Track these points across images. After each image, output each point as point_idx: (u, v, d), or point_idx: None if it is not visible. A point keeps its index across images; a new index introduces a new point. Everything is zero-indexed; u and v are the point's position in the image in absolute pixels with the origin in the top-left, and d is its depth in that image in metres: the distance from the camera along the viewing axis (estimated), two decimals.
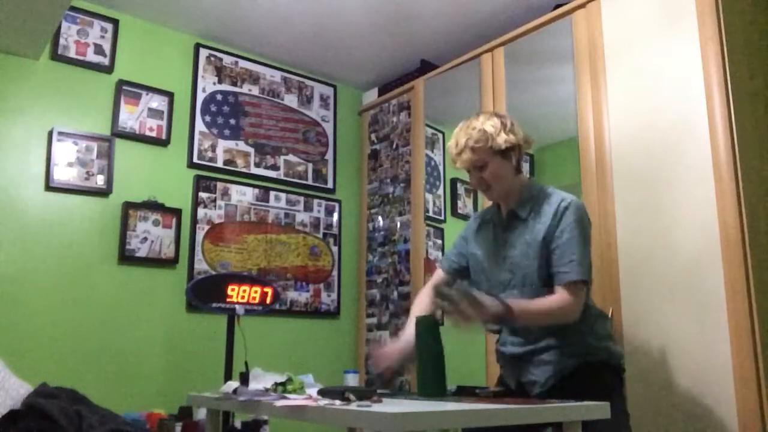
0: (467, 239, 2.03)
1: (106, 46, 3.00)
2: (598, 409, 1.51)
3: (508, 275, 1.84)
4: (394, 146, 3.58)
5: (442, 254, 3.26)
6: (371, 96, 3.84)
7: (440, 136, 3.43)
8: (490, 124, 1.81)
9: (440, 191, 3.33)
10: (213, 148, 3.26)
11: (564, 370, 1.75)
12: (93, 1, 2.99)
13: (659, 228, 2.20)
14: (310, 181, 3.60)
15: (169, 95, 3.15)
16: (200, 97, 3.27)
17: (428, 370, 1.64)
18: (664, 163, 2.23)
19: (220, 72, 3.36)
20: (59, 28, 2.85)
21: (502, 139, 1.79)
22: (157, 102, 3.11)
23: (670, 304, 2.13)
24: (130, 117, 3.02)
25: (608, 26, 2.50)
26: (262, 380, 1.71)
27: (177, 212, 3.06)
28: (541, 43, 2.79)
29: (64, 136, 2.82)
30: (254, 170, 3.38)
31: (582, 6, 2.60)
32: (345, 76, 3.81)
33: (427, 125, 3.40)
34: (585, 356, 1.75)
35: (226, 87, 3.37)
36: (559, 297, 1.71)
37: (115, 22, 3.04)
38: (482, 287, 1.91)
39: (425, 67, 3.47)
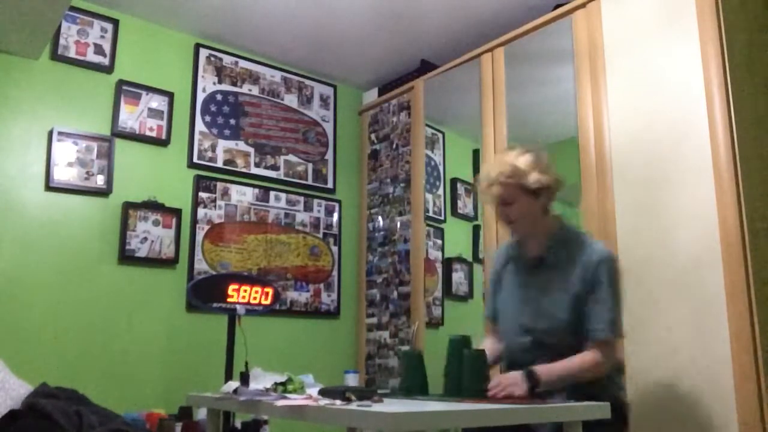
0: (498, 279, 1.99)
1: (106, 46, 3.00)
2: (598, 409, 1.51)
3: (531, 321, 1.81)
4: (394, 146, 3.58)
5: (442, 254, 3.27)
6: (371, 96, 3.84)
7: (440, 136, 3.43)
8: (524, 161, 1.78)
9: (440, 191, 3.33)
10: (213, 148, 3.26)
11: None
12: (93, 1, 2.99)
13: (659, 228, 2.20)
14: (310, 181, 3.60)
15: (169, 95, 3.15)
16: (200, 97, 3.27)
17: (473, 375, 1.66)
18: (664, 163, 2.23)
19: (220, 72, 3.36)
20: (59, 28, 2.85)
21: (534, 179, 1.76)
22: (157, 102, 3.11)
23: (670, 304, 2.13)
24: (130, 117, 3.02)
25: (608, 26, 2.50)
26: (262, 380, 1.71)
27: (177, 212, 3.06)
28: (541, 43, 2.79)
29: (64, 136, 2.82)
30: (254, 170, 3.38)
31: (582, 6, 2.60)
32: (345, 76, 3.81)
33: (427, 125, 3.40)
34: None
35: (226, 87, 3.37)
36: (591, 356, 1.69)
37: (115, 22, 3.04)
38: (505, 327, 1.90)
39: (425, 67, 3.47)
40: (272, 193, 3.42)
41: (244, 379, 1.74)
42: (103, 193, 2.88)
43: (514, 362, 1.84)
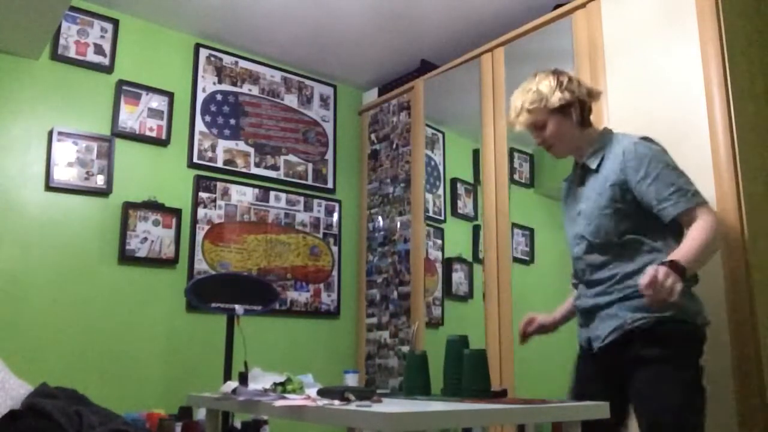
0: (564, 209, 2.00)
1: (106, 46, 3.00)
2: (598, 409, 1.50)
3: (581, 228, 1.82)
4: (394, 146, 3.58)
5: (442, 254, 3.27)
6: (371, 96, 3.84)
7: (440, 136, 3.43)
8: (546, 84, 1.82)
9: (440, 191, 3.33)
10: (213, 148, 3.26)
11: (626, 326, 1.68)
12: (93, 1, 2.99)
13: None
14: (310, 181, 3.60)
15: (169, 95, 3.15)
16: (200, 97, 3.27)
17: (474, 375, 1.66)
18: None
19: (220, 72, 3.36)
20: (59, 28, 2.85)
21: (557, 98, 1.79)
22: (157, 102, 3.11)
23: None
24: (130, 117, 3.02)
25: (608, 26, 2.50)
26: (261, 380, 1.71)
27: (177, 212, 3.06)
28: (541, 43, 2.79)
29: (64, 136, 2.82)
30: (254, 170, 3.38)
31: (582, 6, 2.60)
32: (345, 76, 3.81)
33: (427, 125, 3.40)
34: (653, 312, 1.63)
35: (226, 87, 3.37)
36: (697, 223, 1.62)
37: (115, 22, 3.04)
38: (570, 249, 1.90)
39: (425, 67, 3.47)
40: (272, 193, 3.42)
41: (243, 379, 1.74)
42: (103, 193, 2.88)
43: (576, 275, 1.89)
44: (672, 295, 1.50)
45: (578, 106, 1.82)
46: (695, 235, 1.62)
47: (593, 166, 1.82)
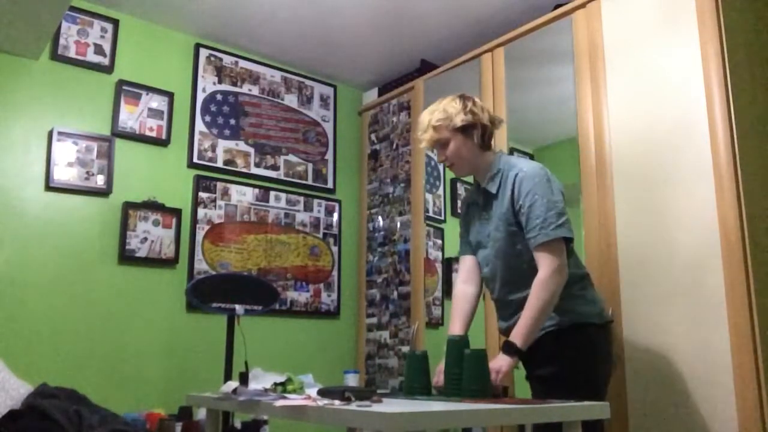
0: (463, 227, 2.15)
1: (106, 46, 3.00)
2: (598, 409, 1.51)
3: (490, 251, 1.95)
4: (394, 146, 3.58)
5: (442, 254, 3.27)
6: (371, 96, 3.84)
7: None
8: (452, 105, 1.94)
9: (440, 191, 3.33)
10: (213, 148, 3.26)
11: (536, 338, 1.80)
12: (93, 1, 2.99)
13: (659, 228, 2.20)
14: (310, 181, 3.60)
15: (169, 95, 3.15)
16: (200, 97, 3.27)
17: (474, 375, 1.66)
18: (664, 163, 2.23)
19: (220, 72, 3.36)
20: (59, 28, 2.85)
21: (460, 119, 1.91)
22: (157, 102, 3.11)
23: (669, 304, 2.13)
24: (130, 117, 3.02)
25: (608, 26, 2.50)
26: (261, 380, 1.71)
27: (177, 212, 3.06)
28: (541, 43, 2.79)
29: (64, 136, 2.82)
30: (254, 170, 3.38)
31: (582, 6, 2.60)
32: (345, 76, 3.81)
33: None
34: (557, 322, 1.82)
35: (226, 87, 3.37)
36: (540, 275, 1.77)
37: (115, 22, 3.04)
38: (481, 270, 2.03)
39: (425, 67, 3.47)
40: (272, 193, 3.42)
41: (244, 379, 1.74)
42: (103, 193, 2.88)
43: (492, 294, 2.01)
44: (501, 377, 1.71)
45: (480, 129, 1.93)
46: (530, 305, 1.76)
47: (493, 190, 1.93)
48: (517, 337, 1.75)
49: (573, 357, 1.80)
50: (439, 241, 3.29)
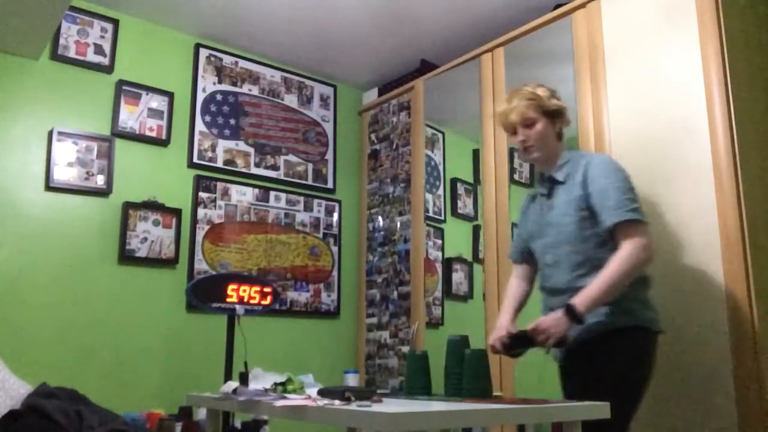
0: (521, 222, 2.12)
1: (106, 46, 3.00)
2: (598, 409, 1.51)
3: (550, 238, 1.92)
4: (394, 146, 3.58)
5: (442, 254, 3.27)
6: (371, 96, 3.84)
7: (440, 136, 3.43)
8: (541, 89, 1.95)
9: (440, 191, 3.33)
10: (213, 148, 3.26)
11: (588, 334, 1.77)
12: (93, 1, 2.99)
13: (659, 227, 2.20)
14: (310, 181, 3.60)
15: (169, 95, 3.15)
16: (200, 97, 3.27)
17: (475, 375, 1.66)
18: (664, 163, 2.23)
19: (220, 72, 3.36)
20: (59, 28, 2.85)
21: (552, 102, 1.93)
22: (157, 102, 3.11)
23: (669, 304, 2.13)
24: (130, 117, 3.02)
25: (608, 26, 2.50)
26: (262, 380, 1.71)
27: (177, 212, 3.06)
28: (541, 43, 2.79)
29: (64, 136, 2.82)
30: (254, 170, 3.38)
31: (582, 6, 2.60)
32: (345, 76, 3.81)
33: (427, 125, 3.40)
34: (619, 321, 1.77)
35: (226, 87, 3.37)
36: (623, 250, 1.73)
37: (115, 22, 3.04)
38: (539, 258, 1.99)
39: (425, 67, 3.47)
40: (272, 193, 3.42)
41: (244, 379, 1.74)
42: (103, 193, 2.88)
43: (545, 283, 1.96)
44: (550, 341, 1.71)
45: (562, 118, 1.96)
46: (609, 270, 1.73)
47: (560, 178, 1.92)
48: (582, 300, 1.71)
49: (623, 359, 1.75)
50: (439, 241, 3.29)
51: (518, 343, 1.83)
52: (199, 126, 3.23)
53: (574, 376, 1.86)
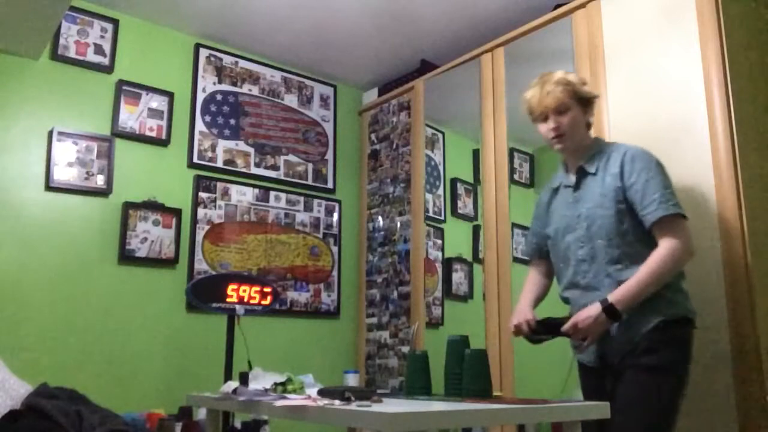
0: (540, 216, 2.06)
1: (106, 46, 3.00)
2: (598, 409, 1.51)
3: (582, 231, 1.86)
4: (394, 146, 3.58)
5: (442, 254, 3.27)
6: (371, 96, 3.84)
7: (440, 136, 3.43)
8: (572, 76, 1.91)
9: (440, 191, 3.33)
10: (213, 148, 3.26)
11: (643, 331, 1.73)
12: (93, 1, 2.99)
13: None
14: (310, 181, 3.60)
15: (169, 95, 3.15)
16: (200, 97, 3.27)
17: (475, 375, 1.66)
18: (663, 163, 2.22)
19: (220, 72, 3.36)
20: (59, 28, 2.85)
21: (585, 90, 1.91)
22: (157, 102, 3.11)
23: None
24: (130, 117, 3.02)
25: (608, 26, 2.50)
26: (262, 380, 1.72)
27: (177, 212, 3.06)
28: (541, 43, 2.79)
29: (64, 136, 2.82)
30: (254, 170, 3.38)
31: (582, 6, 2.60)
32: (345, 76, 3.81)
33: (427, 125, 3.40)
34: (664, 313, 1.73)
35: (226, 87, 3.37)
36: (663, 247, 1.71)
37: (115, 22, 3.04)
38: (560, 253, 1.94)
39: (425, 67, 3.47)
40: (272, 193, 3.42)
41: (244, 379, 1.74)
42: (103, 193, 2.88)
43: (581, 279, 1.86)
44: (589, 340, 1.71)
45: (591, 108, 1.93)
46: (650, 267, 1.70)
47: (592, 170, 1.88)
48: (621, 299, 1.68)
49: (675, 350, 1.72)
50: (439, 241, 3.29)
51: (545, 329, 1.81)
52: (199, 126, 3.23)
53: (624, 374, 1.76)
